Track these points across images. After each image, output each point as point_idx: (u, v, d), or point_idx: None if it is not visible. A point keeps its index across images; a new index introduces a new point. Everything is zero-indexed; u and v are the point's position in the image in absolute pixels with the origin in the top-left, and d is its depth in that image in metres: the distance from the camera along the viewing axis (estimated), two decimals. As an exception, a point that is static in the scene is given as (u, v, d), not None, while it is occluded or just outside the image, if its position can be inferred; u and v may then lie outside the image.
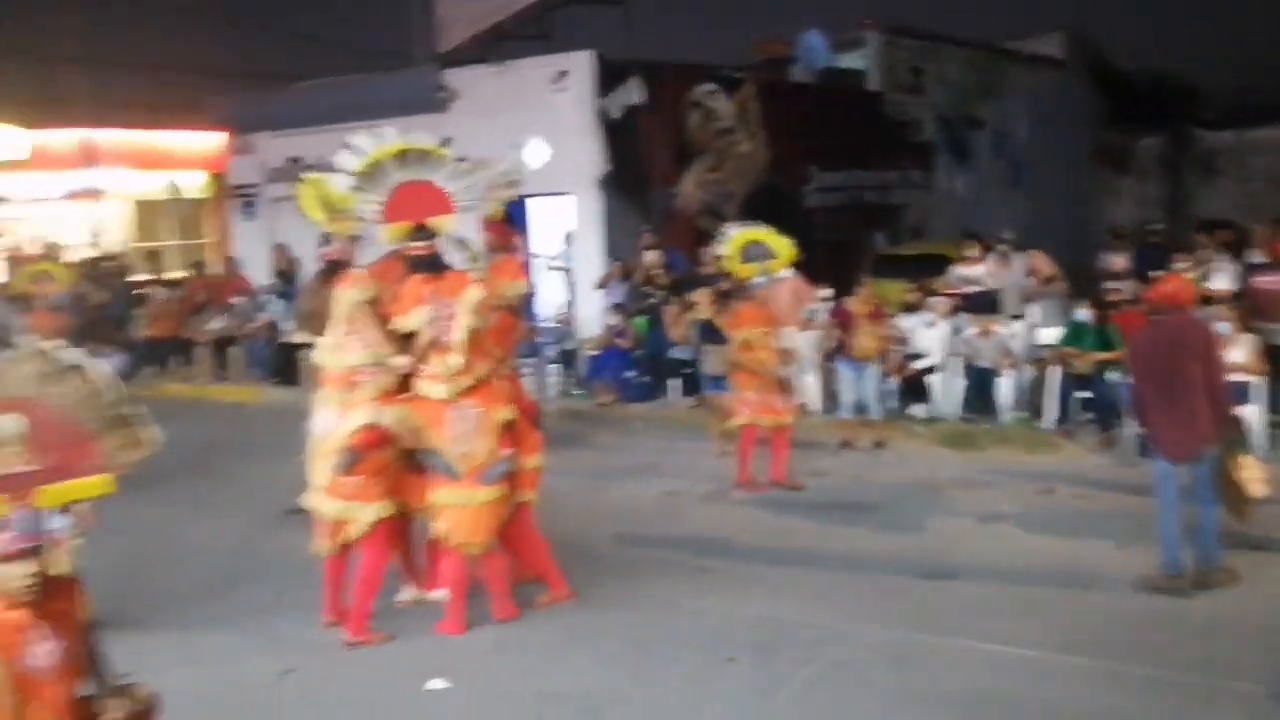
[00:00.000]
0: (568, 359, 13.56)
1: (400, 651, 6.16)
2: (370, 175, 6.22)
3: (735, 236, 9.24)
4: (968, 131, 22.17)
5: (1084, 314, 9.82)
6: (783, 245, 9.25)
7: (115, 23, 24.13)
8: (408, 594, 6.79)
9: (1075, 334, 9.94)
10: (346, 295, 6.19)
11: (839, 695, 5.42)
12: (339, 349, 6.24)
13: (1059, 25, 26.26)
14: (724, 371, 9.74)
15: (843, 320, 10.52)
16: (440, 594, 6.50)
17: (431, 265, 6.27)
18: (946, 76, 21.83)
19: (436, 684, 5.66)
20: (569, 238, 15.29)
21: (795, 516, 8.36)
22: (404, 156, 6.23)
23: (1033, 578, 6.82)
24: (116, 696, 3.40)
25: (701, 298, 10.37)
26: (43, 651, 3.21)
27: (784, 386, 9.19)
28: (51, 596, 3.27)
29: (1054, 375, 9.99)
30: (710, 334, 10.33)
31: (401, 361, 6.17)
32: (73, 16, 22.80)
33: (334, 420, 6.20)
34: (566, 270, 15.27)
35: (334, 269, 6.63)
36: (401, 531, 6.60)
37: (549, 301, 15.08)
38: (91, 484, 3.53)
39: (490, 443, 6.17)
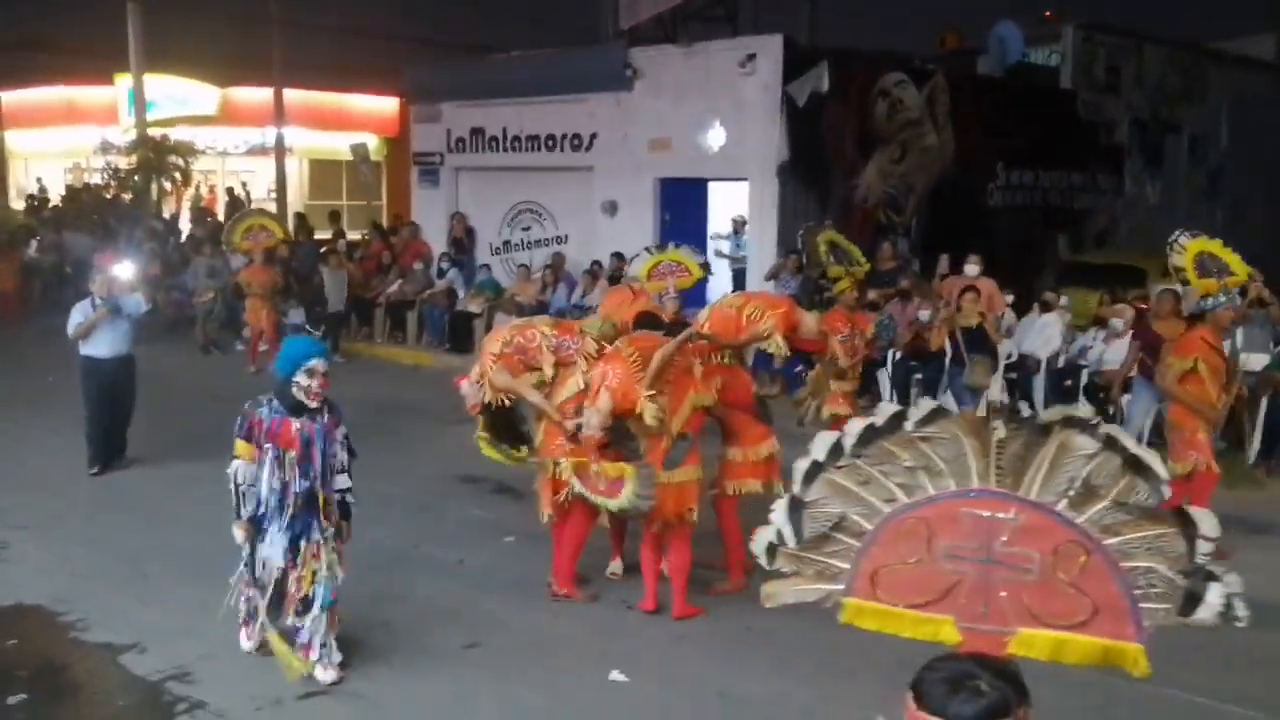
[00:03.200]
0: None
1: (581, 636, 6.20)
2: None
3: (1189, 245, 8.42)
4: (1163, 136, 21.10)
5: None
6: (1237, 261, 8.43)
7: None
8: (616, 566, 7.01)
9: (1288, 362, 9.34)
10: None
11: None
12: None
13: (1273, 24, 24.74)
14: (982, 386, 9.26)
15: (1147, 339, 9.11)
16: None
17: None
18: (1145, 77, 20.79)
19: (618, 676, 5.68)
20: (739, 225, 15.13)
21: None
22: None
23: (1248, 630, 6.38)
24: None
25: (969, 303, 9.58)
26: None
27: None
28: None
29: (1260, 405, 9.38)
30: (975, 342, 9.46)
31: None
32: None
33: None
34: (736, 259, 15.19)
35: None
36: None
37: (717, 290, 15.01)
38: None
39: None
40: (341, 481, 5.53)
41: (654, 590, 6.43)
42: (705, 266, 12.05)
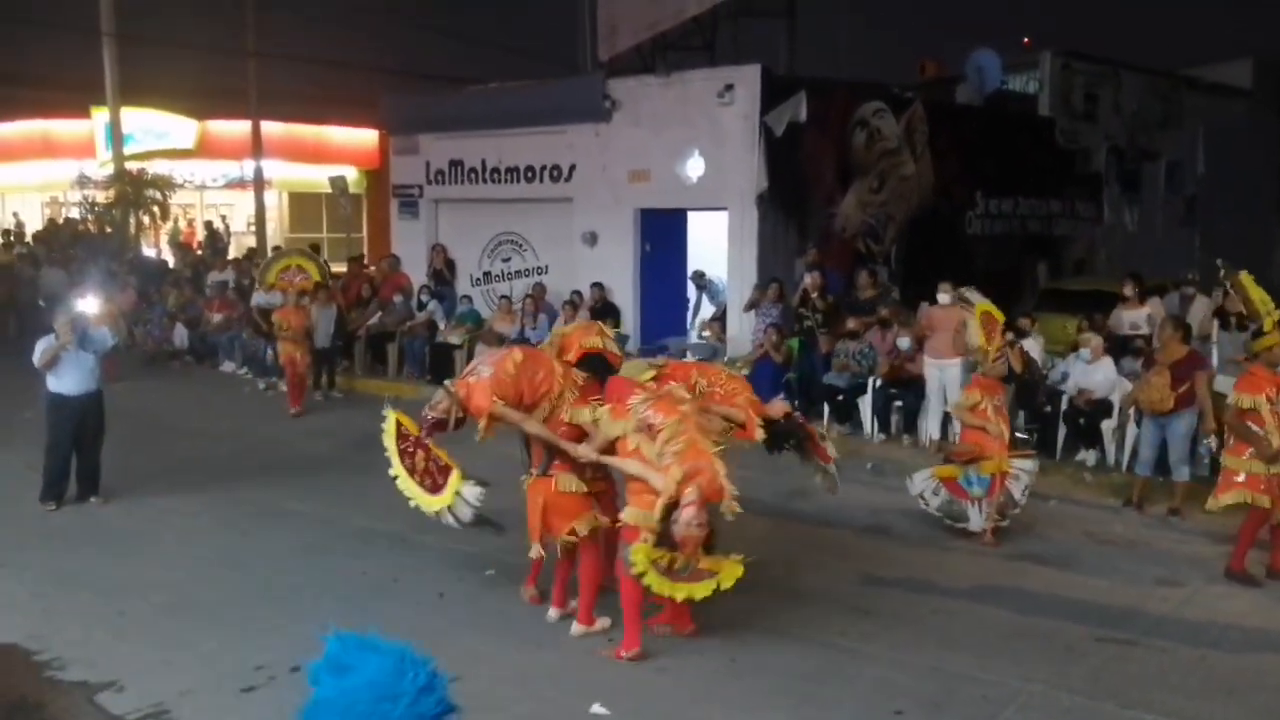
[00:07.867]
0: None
1: (562, 668, 6.12)
2: None
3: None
4: (1141, 163, 21.31)
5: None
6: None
7: (287, 20, 24.90)
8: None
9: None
10: None
11: (1018, 763, 5.15)
12: None
13: (1249, 51, 25.02)
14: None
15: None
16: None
17: None
18: (1122, 104, 21.01)
19: (599, 709, 5.59)
20: (699, 280, 15.34)
21: (963, 563, 8.05)
22: None
23: (1223, 651, 6.40)
24: None
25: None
26: None
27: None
28: None
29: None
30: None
31: None
32: (246, 13, 23.41)
33: None
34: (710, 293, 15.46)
35: None
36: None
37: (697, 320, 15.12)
38: None
39: None
40: None
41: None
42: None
